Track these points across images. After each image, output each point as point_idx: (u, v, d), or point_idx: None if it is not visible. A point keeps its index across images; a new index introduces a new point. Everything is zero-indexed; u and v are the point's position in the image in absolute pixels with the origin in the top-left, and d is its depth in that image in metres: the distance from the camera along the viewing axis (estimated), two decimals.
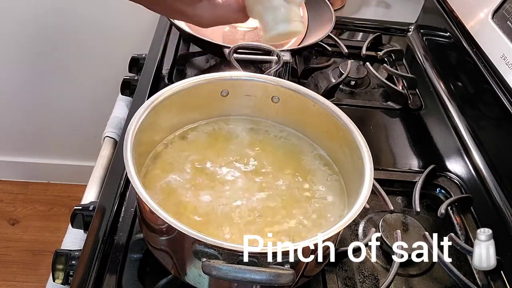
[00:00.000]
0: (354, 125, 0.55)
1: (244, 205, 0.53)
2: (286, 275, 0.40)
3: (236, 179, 0.56)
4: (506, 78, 0.69)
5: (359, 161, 0.51)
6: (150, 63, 0.85)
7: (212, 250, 0.41)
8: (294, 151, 0.61)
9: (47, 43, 1.33)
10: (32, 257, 1.50)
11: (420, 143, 0.78)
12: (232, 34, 0.83)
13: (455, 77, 0.86)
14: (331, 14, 0.87)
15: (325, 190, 0.56)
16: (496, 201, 0.67)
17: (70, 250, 0.57)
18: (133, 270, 0.53)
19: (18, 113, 1.51)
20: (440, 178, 0.70)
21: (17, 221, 1.60)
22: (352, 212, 0.45)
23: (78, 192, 0.72)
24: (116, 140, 0.77)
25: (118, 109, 0.85)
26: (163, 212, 0.42)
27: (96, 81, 1.41)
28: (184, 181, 0.55)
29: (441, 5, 0.93)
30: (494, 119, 0.75)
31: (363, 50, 0.94)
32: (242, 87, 0.61)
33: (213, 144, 0.60)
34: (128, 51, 0.94)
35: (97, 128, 0.90)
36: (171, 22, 0.80)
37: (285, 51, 0.73)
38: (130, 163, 0.45)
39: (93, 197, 0.66)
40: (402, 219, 0.62)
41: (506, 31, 0.71)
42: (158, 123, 0.56)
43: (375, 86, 0.91)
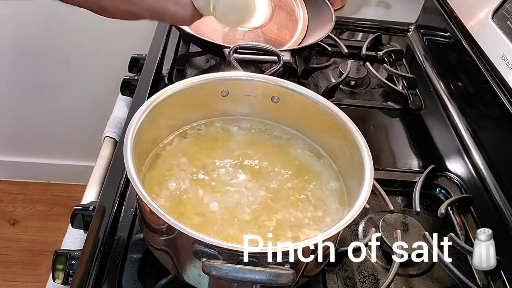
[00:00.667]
0: (354, 125, 0.55)
1: (244, 205, 0.53)
2: (286, 275, 0.40)
3: (236, 179, 0.56)
4: (506, 78, 0.69)
5: (359, 161, 0.51)
6: (150, 63, 0.85)
7: (212, 250, 0.41)
8: (294, 151, 0.61)
9: (47, 43, 1.33)
10: (32, 257, 1.49)
11: (420, 143, 0.78)
12: (232, 34, 0.83)
13: (455, 77, 0.86)
14: (331, 14, 0.87)
15: (325, 190, 0.56)
16: (496, 201, 0.67)
17: (70, 250, 0.57)
18: (133, 270, 0.53)
19: (18, 113, 1.51)
20: (440, 178, 0.70)
21: (17, 221, 1.60)
22: (352, 212, 0.45)
23: (78, 192, 0.72)
24: (116, 140, 0.77)
25: (118, 109, 0.85)
26: (163, 212, 0.42)
27: (96, 81, 1.41)
28: (184, 181, 0.55)
29: (441, 5, 0.93)
30: (494, 119, 0.75)
31: (363, 50, 0.94)
32: (242, 87, 0.61)
33: (213, 144, 0.60)
34: (128, 51, 0.94)
35: (97, 128, 0.90)
36: None
37: (285, 51, 0.73)
38: (130, 163, 0.45)
39: (93, 197, 0.66)
40: (402, 219, 0.62)
41: (506, 31, 0.71)
42: (158, 123, 0.56)
43: (375, 86, 0.91)
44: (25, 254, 1.50)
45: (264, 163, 0.58)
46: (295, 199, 0.55)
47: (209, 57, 0.90)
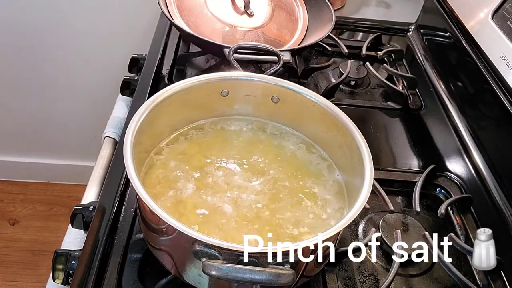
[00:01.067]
0: (354, 125, 0.55)
1: (244, 205, 0.53)
2: (286, 275, 0.40)
3: (236, 179, 0.56)
4: (506, 78, 0.69)
5: (359, 161, 0.51)
6: (150, 63, 0.85)
7: (212, 250, 0.41)
8: (294, 151, 0.61)
9: (47, 43, 1.33)
10: (32, 257, 1.49)
11: (420, 143, 0.78)
12: (232, 34, 0.83)
13: (455, 77, 0.86)
14: (331, 14, 0.87)
15: (325, 190, 0.56)
16: (496, 201, 0.67)
17: (70, 250, 0.57)
18: (133, 270, 0.53)
19: (18, 113, 1.51)
20: (440, 178, 0.70)
21: (17, 221, 1.60)
22: (352, 212, 0.45)
23: (78, 192, 0.72)
24: (116, 140, 0.77)
25: (118, 109, 0.85)
26: (163, 212, 0.42)
27: (96, 81, 1.41)
28: (184, 181, 0.55)
29: (441, 5, 0.93)
30: (494, 119, 0.75)
31: (363, 50, 0.94)
32: (242, 87, 0.61)
33: (213, 144, 0.60)
34: (128, 51, 0.94)
35: (97, 128, 0.90)
36: (171, 22, 0.80)
37: (285, 51, 0.73)
38: (130, 163, 0.45)
39: (93, 197, 0.66)
40: (402, 219, 0.62)
41: (506, 31, 0.71)
42: (158, 123, 0.56)
43: (375, 86, 0.91)
44: (25, 254, 1.50)
45: (264, 162, 0.58)
46: (294, 199, 0.55)
47: (209, 57, 0.90)
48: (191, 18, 0.82)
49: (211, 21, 0.83)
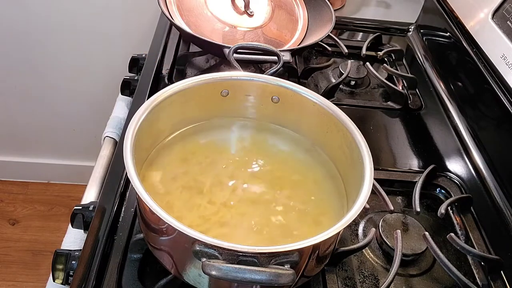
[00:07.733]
0: (354, 125, 0.55)
1: (244, 205, 0.53)
2: (286, 275, 0.40)
3: (236, 179, 0.56)
4: (506, 78, 0.69)
5: (359, 161, 0.51)
6: (150, 63, 0.85)
7: (212, 250, 0.41)
8: (294, 151, 0.61)
9: (47, 43, 1.33)
10: (32, 257, 1.50)
11: (420, 143, 0.78)
12: (232, 34, 0.83)
13: (455, 77, 0.86)
14: (331, 14, 0.87)
15: (325, 190, 0.56)
16: (496, 201, 0.67)
17: (70, 250, 0.57)
18: (133, 270, 0.53)
19: (18, 113, 1.51)
20: (440, 178, 0.70)
21: (17, 221, 1.60)
22: (352, 212, 0.45)
23: (78, 192, 0.72)
24: (116, 140, 0.77)
25: (118, 109, 0.85)
26: (163, 212, 0.42)
27: (96, 81, 1.41)
28: (184, 181, 0.55)
29: (441, 5, 0.93)
30: (494, 119, 0.75)
31: (363, 50, 0.94)
32: (242, 87, 0.61)
33: (213, 144, 0.60)
34: (128, 51, 0.95)
35: (97, 128, 0.90)
36: (171, 22, 0.80)
37: (285, 51, 0.73)
38: (130, 163, 0.45)
39: (93, 197, 0.66)
40: (402, 219, 0.62)
41: (506, 31, 0.71)
42: (158, 123, 0.56)
43: (375, 86, 0.91)
44: (25, 254, 1.50)
45: (264, 162, 0.58)
46: (294, 199, 0.55)
47: (209, 57, 0.90)
48: (191, 18, 0.82)
49: (211, 21, 0.83)
